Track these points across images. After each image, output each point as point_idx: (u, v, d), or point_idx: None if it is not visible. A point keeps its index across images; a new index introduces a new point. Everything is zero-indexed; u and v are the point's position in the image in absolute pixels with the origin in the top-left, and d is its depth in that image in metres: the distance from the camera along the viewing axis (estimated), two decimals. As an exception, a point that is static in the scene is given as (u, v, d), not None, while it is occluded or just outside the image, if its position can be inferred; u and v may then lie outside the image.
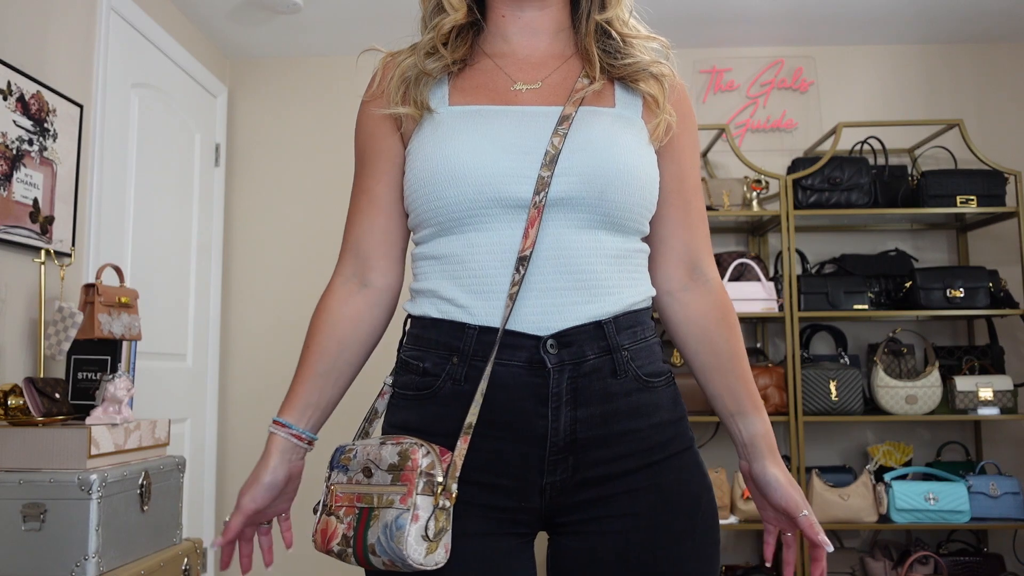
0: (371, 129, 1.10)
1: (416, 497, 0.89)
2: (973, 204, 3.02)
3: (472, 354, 0.98)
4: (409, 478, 0.90)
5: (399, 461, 0.91)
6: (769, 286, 3.02)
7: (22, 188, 2.14)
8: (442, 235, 1.02)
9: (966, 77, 3.47)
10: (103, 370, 2.04)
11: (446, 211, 1.00)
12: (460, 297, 0.99)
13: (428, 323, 1.02)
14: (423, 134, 1.04)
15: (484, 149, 0.99)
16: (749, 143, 3.46)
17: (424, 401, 1.00)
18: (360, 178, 1.12)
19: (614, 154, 1.01)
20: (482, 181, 0.98)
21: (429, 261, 1.04)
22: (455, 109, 1.04)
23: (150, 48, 2.89)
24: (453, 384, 0.98)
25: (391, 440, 0.94)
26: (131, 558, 1.87)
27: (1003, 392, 2.93)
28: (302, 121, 3.56)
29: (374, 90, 1.10)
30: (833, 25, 3.32)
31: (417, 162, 1.02)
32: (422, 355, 1.01)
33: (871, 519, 2.86)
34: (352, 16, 3.17)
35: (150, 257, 2.86)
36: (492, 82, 1.07)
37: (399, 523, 0.88)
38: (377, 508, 0.91)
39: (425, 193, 1.01)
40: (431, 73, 1.05)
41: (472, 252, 1.00)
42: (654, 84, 1.08)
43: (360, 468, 0.95)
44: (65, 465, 1.77)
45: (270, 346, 3.45)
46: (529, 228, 0.97)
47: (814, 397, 2.95)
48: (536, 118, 1.02)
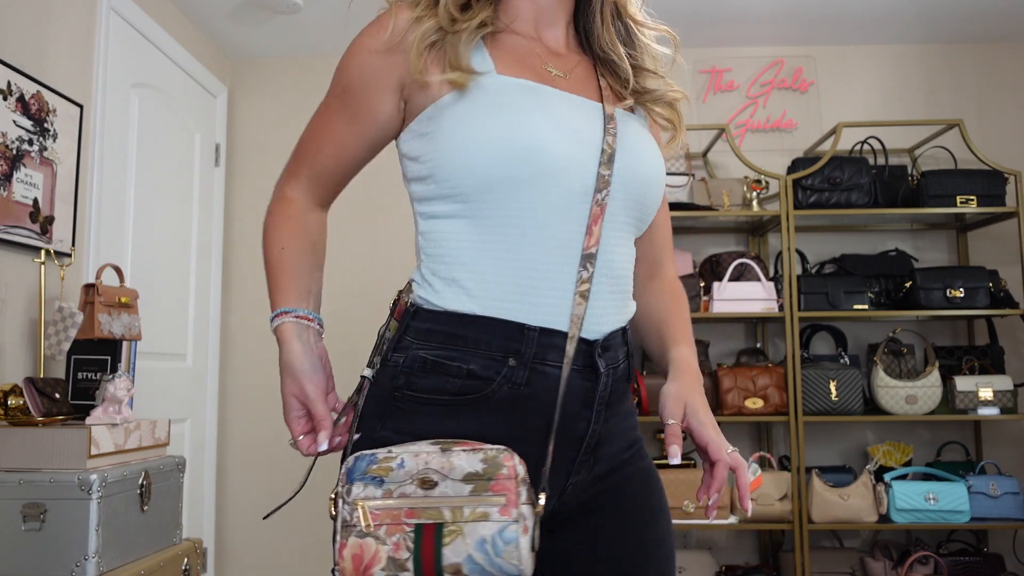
0: (371, 79, 0.99)
1: (521, 507, 0.83)
2: (973, 204, 3.02)
3: (533, 356, 0.92)
4: (507, 487, 0.83)
5: (486, 469, 0.84)
6: (769, 286, 3.02)
7: (22, 188, 2.14)
8: (485, 214, 0.94)
9: (966, 77, 3.47)
10: (103, 370, 2.04)
11: (499, 189, 0.92)
12: (511, 292, 0.92)
13: (468, 320, 0.92)
14: (468, 96, 0.94)
15: (550, 129, 0.93)
16: (749, 143, 3.46)
17: (468, 407, 0.92)
18: (333, 119, 1.04)
19: (653, 162, 1.03)
20: (549, 163, 0.92)
21: (464, 243, 0.94)
22: (507, 80, 0.96)
23: (150, 48, 2.89)
24: (511, 388, 0.92)
25: (459, 446, 0.86)
26: (131, 558, 1.87)
27: (1003, 392, 2.93)
28: (302, 121, 3.49)
29: (386, 38, 0.98)
30: (833, 25, 3.32)
31: (464, 128, 0.92)
32: (463, 355, 0.92)
33: (871, 519, 2.86)
34: (352, 16, 3.16)
35: (150, 257, 2.86)
36: (527, 59, 1.01)
37: (506, 536, 0.82)
38: (456, 523, 0.83)
39: (476, 165, 0.92)
40: (463, 33, 0.96)
41: (523, 240, 0.93)
42: (671, 113, 1.09)
43: (412, 479, 0.85)
44: (65, 465, 1.77)
45: (270, 346, 3.42)
46: (593, 225, 0.95)
47: (814, 397, 2.95)
48: (584, 109, 1.00)
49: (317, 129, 1.06)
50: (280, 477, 3.41)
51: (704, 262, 3.25)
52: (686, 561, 3.00)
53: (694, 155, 3.40)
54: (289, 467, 3.39)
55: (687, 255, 3.20)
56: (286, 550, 3.39)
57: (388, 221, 3.42)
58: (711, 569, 3.02)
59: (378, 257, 3.44)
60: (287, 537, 3.38)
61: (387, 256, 3.41)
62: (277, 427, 3.60)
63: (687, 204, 3.11)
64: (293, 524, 3.38)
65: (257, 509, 3.41)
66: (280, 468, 3.41)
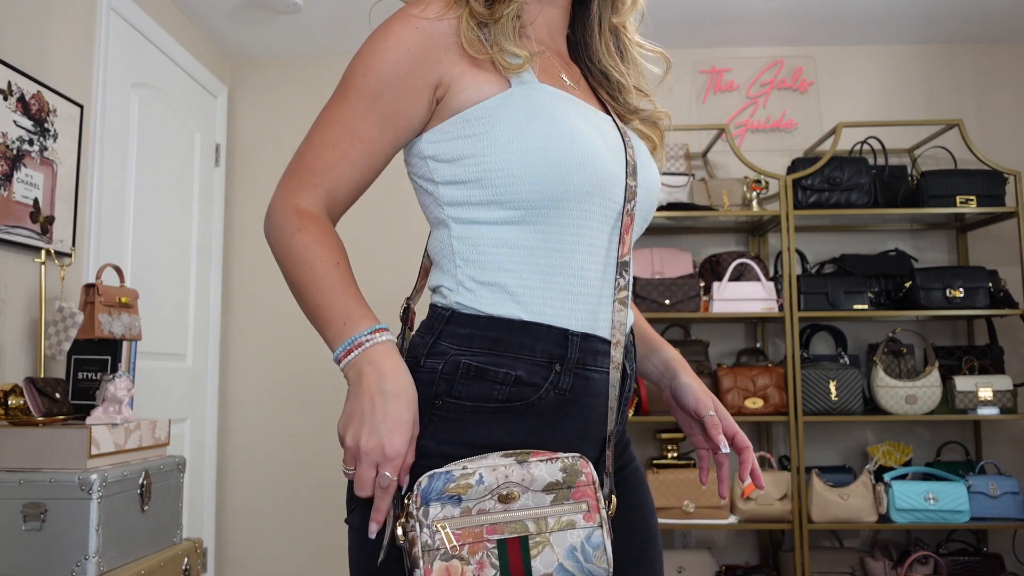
0: (408, 76, 0.92)
1: (602, 512, 0.87)
2: (973, 204, 3.02)
3: (576, 362, 0.93)
4: (588, 493, 0.86)
5: (566, 478, 0.86)
6: (769, 286, 3.02)
7: (22, 188, 2.14)
8: (533, 222, 0.92)
9: (966, 77, 3.48)
10: (103, 370, 2.04)
11: (555, 198, 0.91)
12: (552, 297, 0.93)
13: (514, 325, 0.91)
14: (520, 104, 0.92)
15: (597, 142, 0.95)
16: (749, 143, 3.46)
17: (515, 414, 0.90)
18: (362, 126, 0.93)
19: (656, 174, 1.07)
20: (599, 175, 0.93)
21: (512, 250, 0.92)
22: (548, 89, 0.95)
23: (150, 48, 2.89)
24: (557, 394, 0.92)
25: (534, 456, 0.86)
26: (131, 558, 1.88)
27: (1003, 392, 2.93)
28: (302, 121, 3.54)
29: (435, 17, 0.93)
30: (833, 25, 3.32)
31: (522, 136, 0.90)
32: (509, 362, 0.90)
33: (871, 519, 2.86)
34: (352, 16, 3.17)
35: (150, 257, 2.86)
36: (550, 68, 1.01)
37: (594, 542, 0.85)
38: (542, 534, 0.84)
39: (533, 174, 0.90)
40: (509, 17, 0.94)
41: (573, 249, 0.94)
42: (655, 131, 1.12)
43: (491, 494, 0.84)
44: (65, 465, 1.77)
45: (270, 346, 3.45)
46: (625, 234, 0.98)
47: (814, 397, 2.95)
48: (604, 121, 1.02)
49: (336, 135, 0.93)
50: (280, 477, 3.41)
51: (704, 262, 3.25)
52: (686, 561, 3.00)
53: (694, 155, 3.40)
54: (289, 467, 3.39)
55: (687, 255, 3.20)
56: (286, 550, 3.39)
57: (389, 224, 3.42)
58: (711, 569, 3.02)
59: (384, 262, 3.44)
60: (287, 537, 3.38)
61: (391, 260, 3.40)
62: (277, 427, 3.61)
63: (687, 204, 3.11)
64: (293, 524, 3.38)
65: (257, 509, 3.42)
66: (280, 468, 3.41)
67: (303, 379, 3.42)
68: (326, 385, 3.36)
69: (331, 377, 3.22)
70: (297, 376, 3.43)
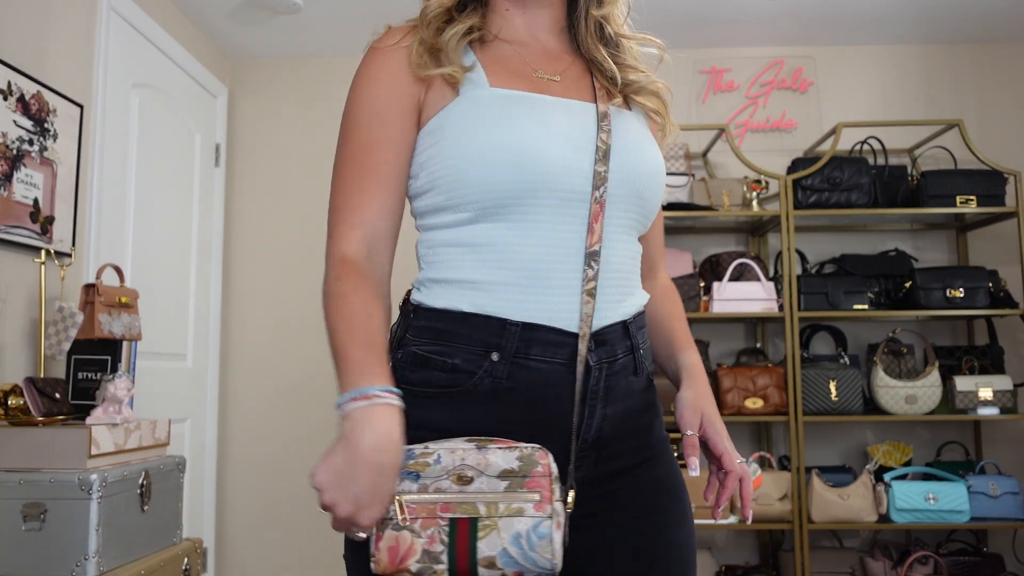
0: (392, 88, 1.01)
1: (555, 504, 0.87)
2: (973, 204, 3.02)
3: (515, 351, 0.95)
4: (542, 484, 0.87)
5: (522, 467, 0.88)
6: (769, 286, 3.02)
7: (22, 188, 2.14)
8: (482, 221, 0.97)
9: (966, 77, 3.47)
10: (103, 370, 2.04)
11: (496, 196, 0.95)
12: (500, 290, 0.96)
13: (457, 317, 0.96)
14: (464, 111, 0.98)
15: (542, 137, 0.97)
16: (749, 143, 3.46)
17: (452, 399, 0.96)
18: (367, 147, 1.00)
19: (650, 155, 1.05)
20: (545, 170, 0.96)
21: (461, 249, 0.98)
22: (500, 92, 1.00)
23: (150, 48, 2.89)
24: (493, 382, 0.95)
25: (495, 444, 0.90)
26: (131, 558, 1.87)
27: (1003, 392, 2.93)
28: (302, 121, 3.56)
29: (395, 44, 1.03)
30: (833, 25, 3.32)
31: (463, 141, 0.96)
32: (449, 350, 0.96)
33: (871, 519, 2.86)
34: (352, 16, 3.17)
35: (150, 257, 2.86)
36: (519, 67, 1.06)
37: (541, 532, 0.86)
38: (491, 517, 0.86)
39: (475, 176, 0.95)
40: (450, 42, 1.01)
41: (522, 243, 0.97)
42: (656, 101, 1.11)
43: (447, 475, 0.88)
44: (65, 465, 1.77)
45: (270, 346, 3.45)
46: (594, 223, 0.98)
47: (814, 397, 2.95)
48: (577, 111, 1.03)
49: (353, 173, 0.99)
50: (280, 477, 3.41)
51: (704, 262, 3.25)
52: (686, 561, 3.00)
53: (694, 155, 3.40)
54: (289, 467, 3.39)
55: (687, 255, 3.20)
56: (286, 550, 3.38)
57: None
58: (711, 569, 3.02)
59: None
60: (287, 537, 3.38)
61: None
62: (277, 427, 3.61)
63: (687, 204, 3.11)
64: (293, 524, 3.38)
65: (257, 509, 3.41)
66: (280, 468, 3.41)
67: (303, 379, 3.42)
68: (326, 385, 3.36)
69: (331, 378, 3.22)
70: (297, 376, 3.43)
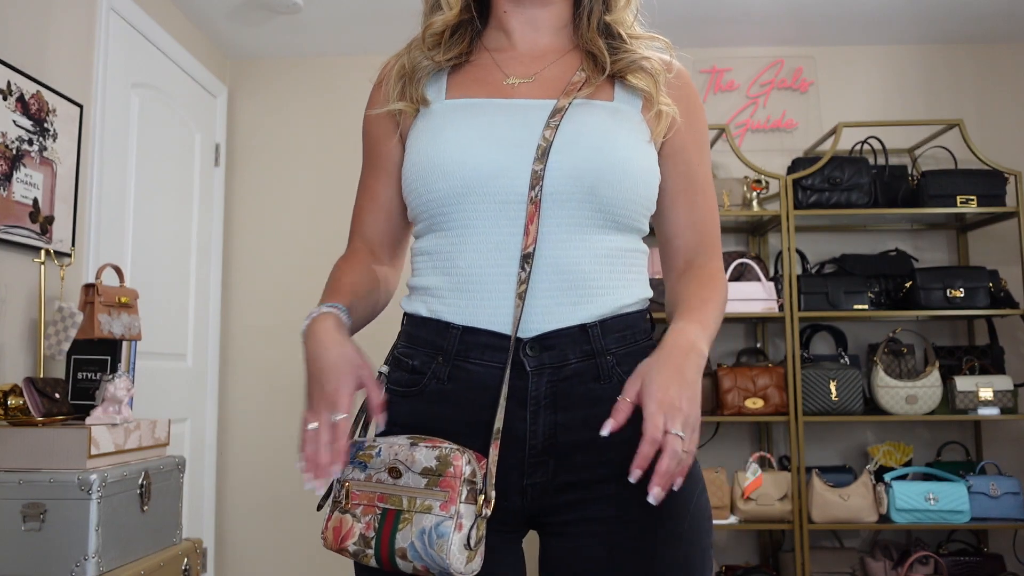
0: (372, 132, 1.13)
1: (460, 505, 0.88)
2: (973, 204, 3.02)
3: (456, 354, 0.98)
4: (451, 485, 0.88)
5: (437, 466, 0.90)
6: (769, 286, 3.02)
7: (22, 188, 2.14)
8: (433, 230, 1.02)
9: (966, 77, 3.47)
10: (103, 370, 2.04)
11: (435, 205, 1.00)
12: (448, 295, 1.00)
13: (418, 321, 1.02)
14: (418, 128, 1.05)
15: (472, 142, 0.99)
16: (749, 143, 3.46)
17: (411, 398, 1.01)
18: (364, 176, 1.14)
19: (605, 148, 0.98)
20: (470, 175, 0.97)
21: (423, 257, 1.04)
22: (449, 103, 1.05)
23: (150, 48, 2.89)
24: (437, 383, 0.99)
25: (424, 442, 0.92)
26: (131, 558, 1.87)
27: (1003, 392, 2.93)
28: (302, 121, 3.56)
29: (376, 96, 1.13)
30: (833, 25, 3.32)
31: (411, 156, 1.03)
32: (412, 352, 1.02)
33: (871, 519, 2.86)
34: (352, 16, 3.17)
35: (150, 257, 2.86)
36: (487, 76, 1.07)
37: (440, 531, 0.87)
38: (409, 512, 0.90)
39: (416, 187, 1.01)
40: (425, 69, 1.07)
41: (460, 249, 0.99)
42: (645, 78, 1.05)
43: (384, 467, 0.93)
44: (65, 465, 1.77)
45: (270, 346, 3.45)
46: (529, 224, 0.95)
47: (814, 397, 2.95)
48: (529, 111, 1.01)
49: (360, 195, 1.14)
50: (280, 477, 3.41)
51: (704, 262, 3.25)
52: (686, 561, 3.00)
53: (694, 155, 3.40)
54: (289, 467, 3.39)
55: (687, 255, 3.20)
56: (286, 550, 3.38)
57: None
58: (711, 569, 3.02)
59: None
60: (287, 537, 3.38)
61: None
62: (277, 427, 3.61)
63: (687, 204, 3.11)
64: (293, 524, 3.38)
65: (257, 509, 3.41)
66: (280, 468, 3.41)
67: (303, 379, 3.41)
68: (326, 385, 3.35)
69: (331, 377, 3.21)
70: (297, 376, 3.41)
